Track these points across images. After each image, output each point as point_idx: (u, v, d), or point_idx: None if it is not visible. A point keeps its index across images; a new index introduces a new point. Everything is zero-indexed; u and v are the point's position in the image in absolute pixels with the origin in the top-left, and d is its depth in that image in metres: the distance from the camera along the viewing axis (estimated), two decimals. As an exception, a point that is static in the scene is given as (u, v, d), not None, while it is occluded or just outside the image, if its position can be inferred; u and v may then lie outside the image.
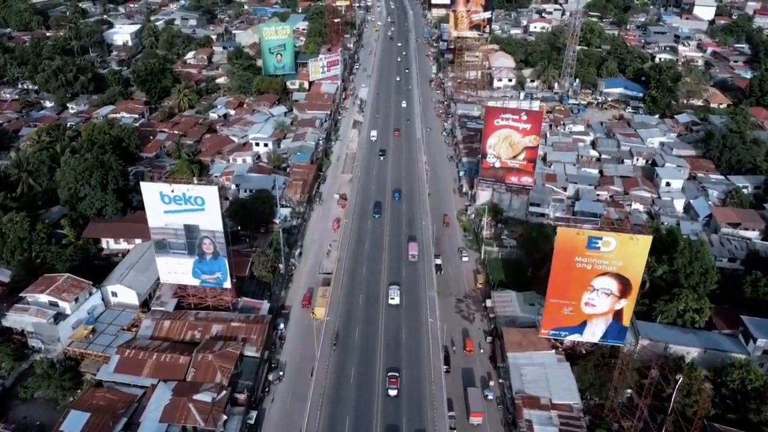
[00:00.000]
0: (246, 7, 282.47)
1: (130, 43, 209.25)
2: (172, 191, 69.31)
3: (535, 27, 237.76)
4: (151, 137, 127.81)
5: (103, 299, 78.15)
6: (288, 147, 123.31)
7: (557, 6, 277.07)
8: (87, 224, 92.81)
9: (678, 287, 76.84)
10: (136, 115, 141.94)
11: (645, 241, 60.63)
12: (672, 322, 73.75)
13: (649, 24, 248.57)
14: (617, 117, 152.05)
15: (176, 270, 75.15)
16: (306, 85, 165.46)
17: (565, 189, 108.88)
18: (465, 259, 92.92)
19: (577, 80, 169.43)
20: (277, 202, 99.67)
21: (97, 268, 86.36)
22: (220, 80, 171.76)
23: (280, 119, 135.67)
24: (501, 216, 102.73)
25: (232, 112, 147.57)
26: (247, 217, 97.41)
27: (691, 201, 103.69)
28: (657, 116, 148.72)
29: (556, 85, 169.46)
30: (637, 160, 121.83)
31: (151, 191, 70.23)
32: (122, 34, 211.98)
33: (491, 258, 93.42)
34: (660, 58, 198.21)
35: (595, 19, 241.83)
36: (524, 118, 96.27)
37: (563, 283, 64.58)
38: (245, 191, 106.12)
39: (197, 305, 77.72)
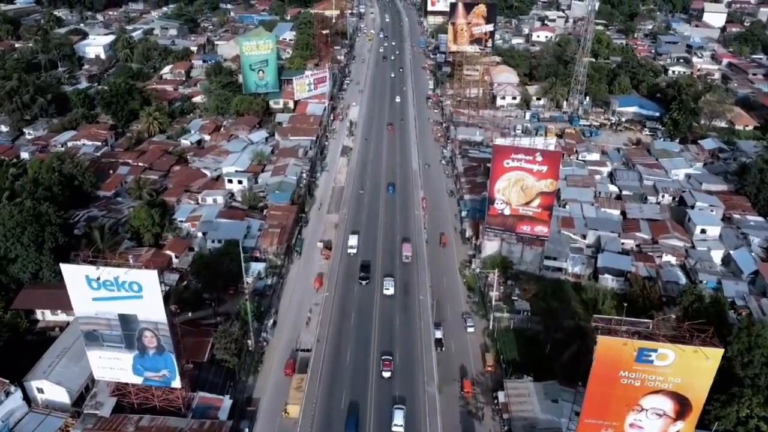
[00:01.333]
0: (232, 14, 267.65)
1: (103, 56, 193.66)
2: (99, 278, 54.40)
3: (538, 36, 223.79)
4: (111, 171, 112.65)
5: (26, 397, 63.19)
6: (266, 183, 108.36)
7: (560, 13, 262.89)
8: (19, 291, 77.72)
9: (733, 379, 62.52)
10: (99, 143, 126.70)
11: (714, 356, 46.04)
12: (731, 429, 59.28)
13: (658, 32, 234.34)
14: (634, 141, 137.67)
15: (113, 365, 60.27)
16: (291, 104, 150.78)
17: (584, 236, 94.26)
18: (470, 329, 78.06)
19: (588, 98, 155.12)
20: (247, 258, 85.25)
21: (29, 346, 71.73)
22: (197, 99, 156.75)
23: (259, 148, 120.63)
24: (511, 270, 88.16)
25: (207, 137, 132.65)
26: (214, 275, 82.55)
27: (732, 252, 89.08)
28: (677, 140, 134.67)
29: (564, 103, 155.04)
30: (663, 197, 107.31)
31: (74, 275, 55.30)
32: (95, 46, 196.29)
33: (501, 327, 78.69)
34: (673, 71, 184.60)
35: (600, 28, 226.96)
36: (539, 159, 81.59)
37: (603, 401, 49.95)
38: (213, 241, 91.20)
39: (141, 405, 62.78)
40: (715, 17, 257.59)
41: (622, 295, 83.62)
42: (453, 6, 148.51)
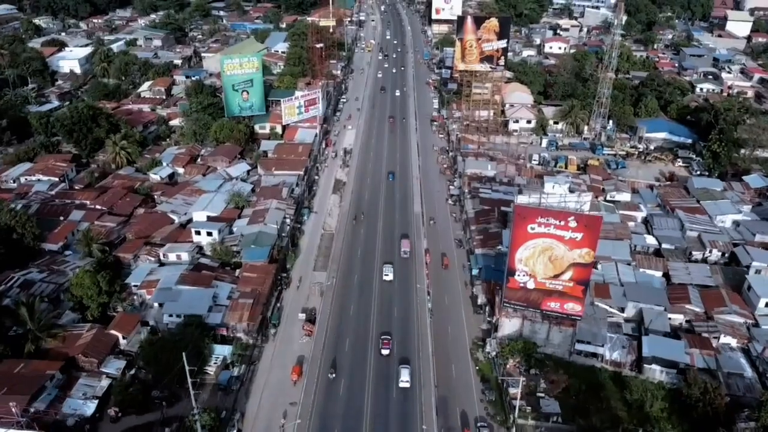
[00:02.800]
0: (224, 21, 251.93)
1: (78, 70, 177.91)
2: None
3: (551, 47, 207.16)
4: (62, 217, 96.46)
5: None
6: (241, 232, 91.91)
7: (574, 22, 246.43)
8: None
9: None
10: (56, 178, 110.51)
11: None
12: None
13: (680, 43, 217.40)
14: (667, 175, 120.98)
15: None
16: (279, 129, 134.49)
17: (622, 309, 77.70)
18: (486, 444, 61.73)
19: (611, 122, 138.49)
20: (209, 341, 69.29)
21: None
22: (176, 122, 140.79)
23: (236, 188, 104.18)
24: (535, 354, 71.72)
25: (181, 170, 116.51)
26: (168, 364, 66.32)
27: (807, 334, 72.47)
28: (716, 174, 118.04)
29: (585, 128, 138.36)
30: (710, 252, 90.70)
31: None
32: (70, 59, 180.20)
33: (526, 441, 62.38)
34: (701, 89, 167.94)
35: (618, 38, 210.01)
36: (573, 224, 65.26)
37: None
38: (171, 315, 74.95)
39: None
40: (740, 26, 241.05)
41: (675, 389, 67.60)
42: (461, 20, 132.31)
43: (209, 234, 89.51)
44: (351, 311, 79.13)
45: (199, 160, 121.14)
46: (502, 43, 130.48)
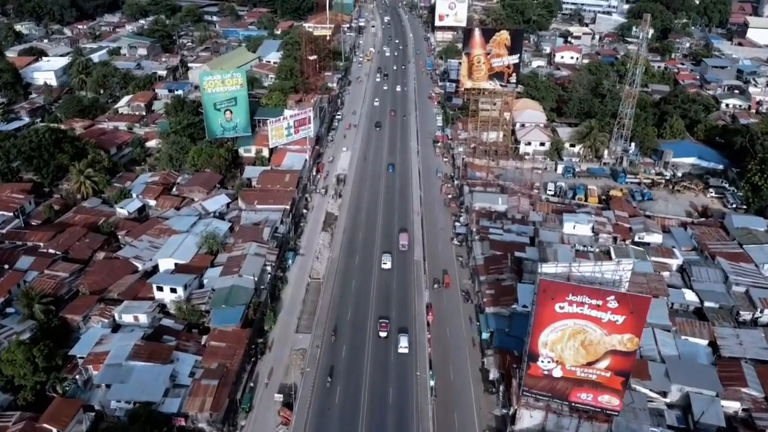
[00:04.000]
0: (217, 26, 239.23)
1: (54, 83, 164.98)
2: None
3: (562, 57, 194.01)
4: (7, 265, 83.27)
5: None
6: (212, 286, 78.59)
7: (586, 29, 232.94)
8: None
9: None
10: (10, 213, 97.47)
11: None
12: None
13: (698, 53, 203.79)
14: (699, 209, 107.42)
15: None
16: (266, 152, 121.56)
17: (664, 393, 64.39)
18: None
19: (633, 145, 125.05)
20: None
21: None
22: (153, 143, 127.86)
23: (211, 227, 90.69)
24: (560, 453, 58.64)
25: (152, 203, 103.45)
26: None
27: None
28: (754, 209, 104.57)
29: (605, 152, 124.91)
30: (762, 312, 77.27)
31: None
32: (45, 70, 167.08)
33: None
34: (727, 105, 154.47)
35: (632, 47, 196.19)
36: (613, 305, 52.12)
37: None
38: (120, 402, 61.85)
39: None
40: (761, 33, 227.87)
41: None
42: (468, 33, 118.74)
43: (173, 291, 76.18)
44: (336, 398, 65.76)
45: (174, 189, 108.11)
46: (514, 59, 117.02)
